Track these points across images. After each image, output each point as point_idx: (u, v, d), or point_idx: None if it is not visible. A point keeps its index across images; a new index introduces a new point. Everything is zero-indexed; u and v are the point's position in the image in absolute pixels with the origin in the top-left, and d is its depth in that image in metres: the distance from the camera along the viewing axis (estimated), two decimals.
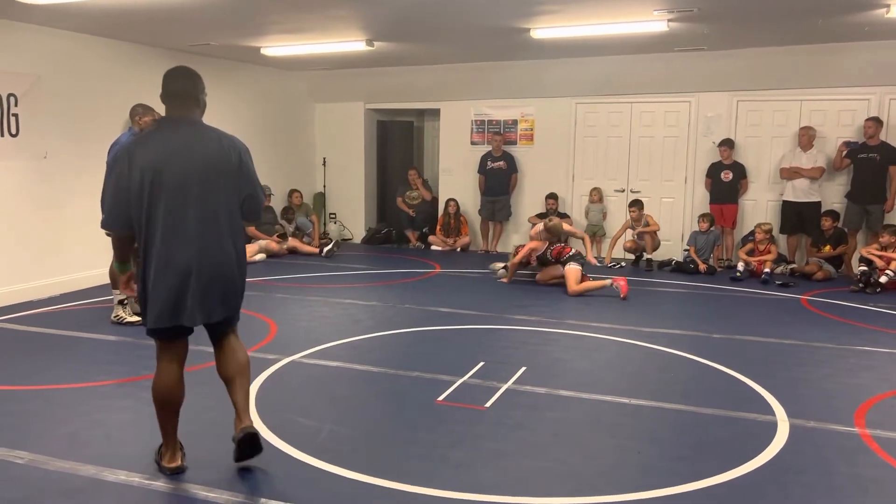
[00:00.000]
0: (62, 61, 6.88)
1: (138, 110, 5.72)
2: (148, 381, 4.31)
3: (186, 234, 2.94)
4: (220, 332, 3.27)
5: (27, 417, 3.80)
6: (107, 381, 4.39)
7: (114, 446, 3.45)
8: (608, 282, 6.93)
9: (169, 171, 2.93)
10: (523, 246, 7.65)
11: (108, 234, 3.26)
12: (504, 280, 7.68)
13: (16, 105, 6.41)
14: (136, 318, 5.71)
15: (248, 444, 3.10)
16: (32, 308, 6.28)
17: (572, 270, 7.10)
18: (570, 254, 7.28)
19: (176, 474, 3.14)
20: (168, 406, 3.16)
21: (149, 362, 4.69)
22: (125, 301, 5.73)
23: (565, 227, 7.65)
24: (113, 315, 5.73)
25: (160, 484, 3.05)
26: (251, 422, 3.19)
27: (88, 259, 7.15)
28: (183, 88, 3.19)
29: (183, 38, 7.50)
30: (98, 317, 5.94)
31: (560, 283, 7.27)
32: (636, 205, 8.68)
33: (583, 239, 7.97)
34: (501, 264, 8.05)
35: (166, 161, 2.94)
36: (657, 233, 8.68)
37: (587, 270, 7.26)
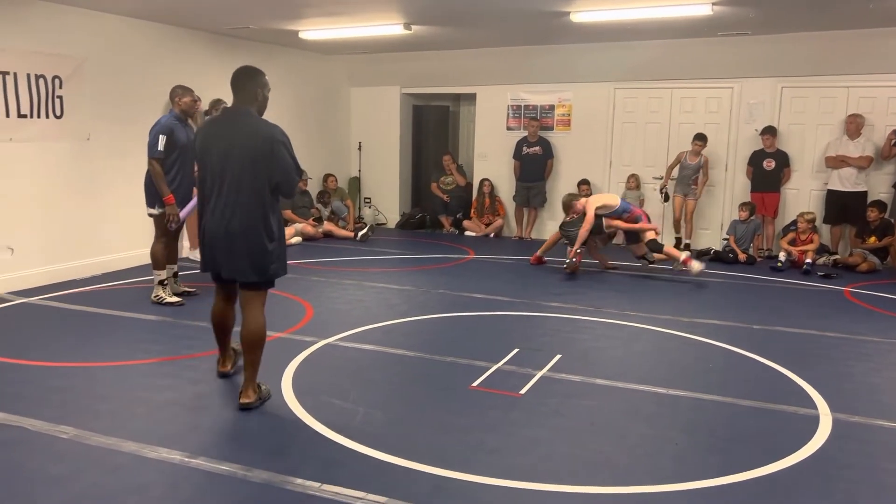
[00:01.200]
0: (106, 44, 6.98)
1: (177, 91, 5.78)
2: (187, 361, 4.42)
3: (219, 204, 3.60)
4: (243, 293, 3.77)
5: (71, 394, 3.89)
6: (147, 359, 4.47)
7: (154, 424, 3.52)
8: (683, 255, 7.13)
9: (213, 152, 3.62)
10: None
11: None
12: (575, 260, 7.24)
13: (60, 87, 6.52)
14: (175, 299, 5.81)
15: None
16: (75, 287, 6.41)
17: (650, 233, 7.33)
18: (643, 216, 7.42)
19: (223, 377, 4.15)
20: (218, 327, 4.06)
21: (188, 342, 4.80)
22: (165, 282, 5.82)
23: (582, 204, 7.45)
24: (153, 295, 5.83)
25: (199, 462, 3.10)
26: (247, 399, 3.69)
27: (130, 240, 7.28)
28: (241, 84, 3.74)
29: (223, 21, 7.55)
30: (139, 297, 6.05)
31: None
32: (700, 138, 8.60)
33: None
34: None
35: (213, 143, 3.63)
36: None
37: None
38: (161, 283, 5.80)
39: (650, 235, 7.32)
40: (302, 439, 3.36)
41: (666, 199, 8.84)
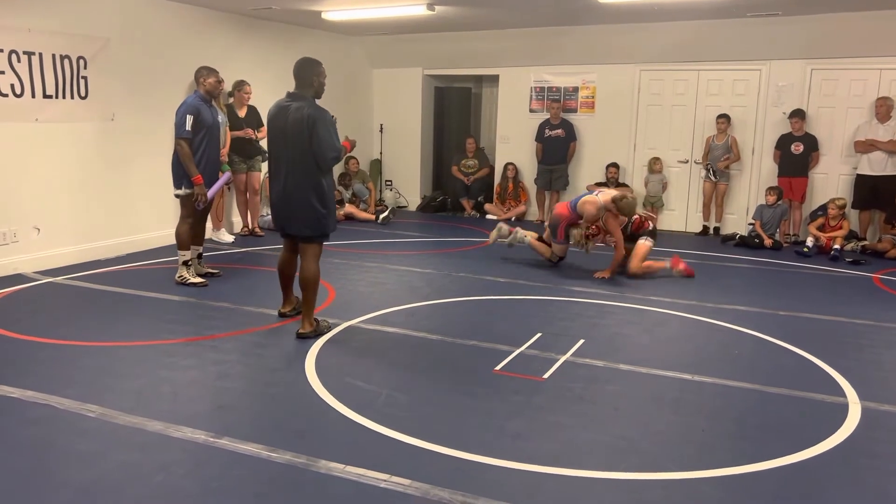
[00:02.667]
0: (131, 25, 6.99)
1: (202, 72, 5.79)
2: (211, 342, 4.45)
3: (279, 173, 4.45)
4: (301, 245, 4.58)
5: (97, 373, 3.93)
6: (172, 339, 4.50)
7: (180, 404, 3.54)
8: (666, 264, 6.52)
9: (274, 129, 4.44)
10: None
11: None
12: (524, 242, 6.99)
13: (85, 68, 6.54)
14: (199, 280, 5.84)
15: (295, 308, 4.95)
16: (101, 267, 6.47)
17: (643, 245, 6.52)
18: (649, 228, 6.66)
19: (281, 317, 4.95)
20: (282, 274, 4.89)
21: (212, 322, 4.83)
22: (189, 262, 5.86)
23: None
24: (177, 275, 5.86)
25: (225, 441, 3.12)
26: (307, 329, 4.54)
27: (154, 220, 7.34)
28: (297, 73, 4.47)
29: (246, 2, 7.53)
30: (163, 277, 6.09)
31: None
32: (724, 117, 8.58)
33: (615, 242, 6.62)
34: (507, 228, 7.26)
35: (274, 121, 4.44)
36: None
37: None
38: (185, 263, 5.83)
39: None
40: (325, 421, 3.37)
41: (715, 175, 8.76)
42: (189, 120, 5.51)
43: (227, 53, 8.03)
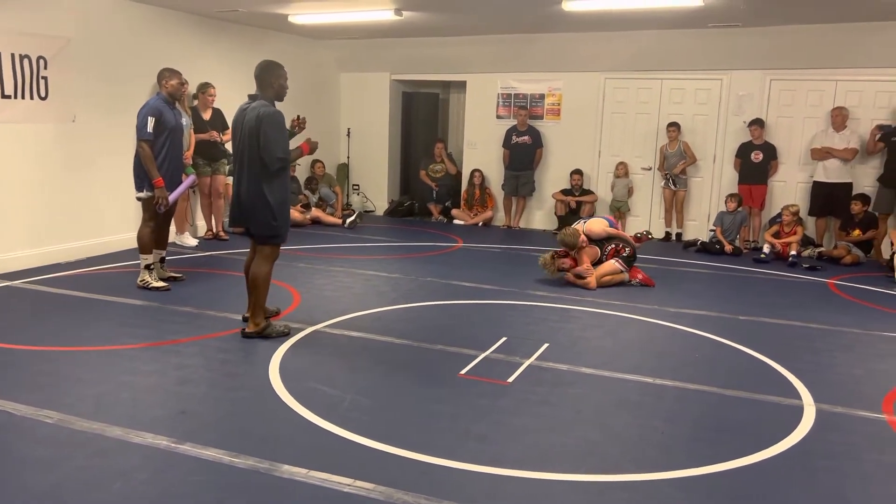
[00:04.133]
0: (92, 25, 6.88)
1: (165, 74, 5.73)
2: (173, 347, 4.39)
3: (238, 174, 4.49)
4: (257, 246, 4.65)
5: (55, 378, 3.86)
6: (133, 344, 4.44)
7: (140, 409, 3.49)
8: (625, 277, 6.45)
9: (235, 131, 4.52)
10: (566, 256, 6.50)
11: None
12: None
13: (45, 68, 6.42)
14: (161, 284, 5.77)
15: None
16: (61, 270, 6.35)
17: (610, 264, 6.44)
18: (626, 255, 6.51)
19: (246, 321, 4.76)
20: (246, 275, 4.74)
21: (174, 327, 4.77)
22: (151, 266, 5.78)
23: (594, 228, 6.67)
24: (139, 279, 5.79)
25: (186, 447, 3.09)
26: (252, 328, 4.59)
27: (116, 223, 7.22)
28: (258, 75, 4.49)
29: (211, 4, 7.46)
30: (125, 281, 6.00)
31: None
32: (673, 125, 8.78)
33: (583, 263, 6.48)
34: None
35: (236, 124, 4.51)
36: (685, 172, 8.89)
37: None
38: (147, 267, 5.76)
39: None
40: (289, 426, 3.35)
41: (674, 183, 8.94)
42: (150, 122, 5.45)
43: (193, 55, 7.95)
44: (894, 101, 7.94)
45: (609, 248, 6.59)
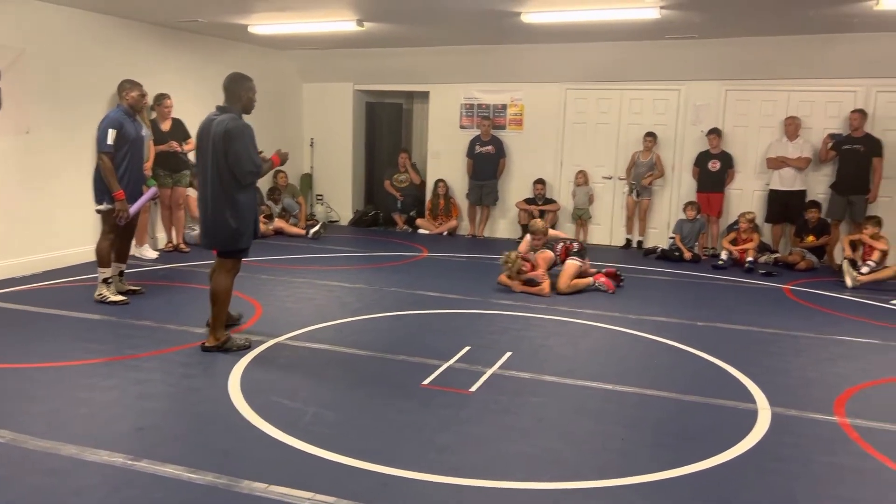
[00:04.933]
0: (48, 35, 6.76)
1: (125, 86, 5.68)
2: (131, 361, 4.33)
3: (202, 186, 4.43)
4: (217, 259, 4.58)
5: (8, 396, 3.77)
6: (91, 360, 4.36)
7: (96, 426, 3.43)
8: (590, 280, 6.62)
9: (200, 141, 4.44)
10: (527, 260, 6.58)
11: None
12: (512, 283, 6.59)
13: None
14: (119, 298, 5.67)
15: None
16: (15, 285, 6.21)
17: (572, 264, 6.58)
18: (576, 250, 6.75)
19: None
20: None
21: (133, 341, 4.70)
22: (110, 280, 5.69)
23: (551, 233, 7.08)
24: (97, 293, 5.69)
25: (144, 464, 3.04)
26: (211, 343, 4.55)
27: (73, 236, 7.08)
28: (226, 86, 4.50)
29: (171, 14, 7.39)
30: (82, 295, 5.88)
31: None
32: (651, 135, 8.89)
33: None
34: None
35: (201, 134, 4.43)
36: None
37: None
38: (105, 281, 5.66)
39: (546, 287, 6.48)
40: (249, 440, 3.32)
41: (636, 193, 9.04)
42: (111, 134, 5.39)
43: (152, 66, 7.85)
44: (844, 110, 8.18)
45: (559, 247, 6.75)
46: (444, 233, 10.03)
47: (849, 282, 7.02)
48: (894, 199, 8.14)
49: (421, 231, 10.13)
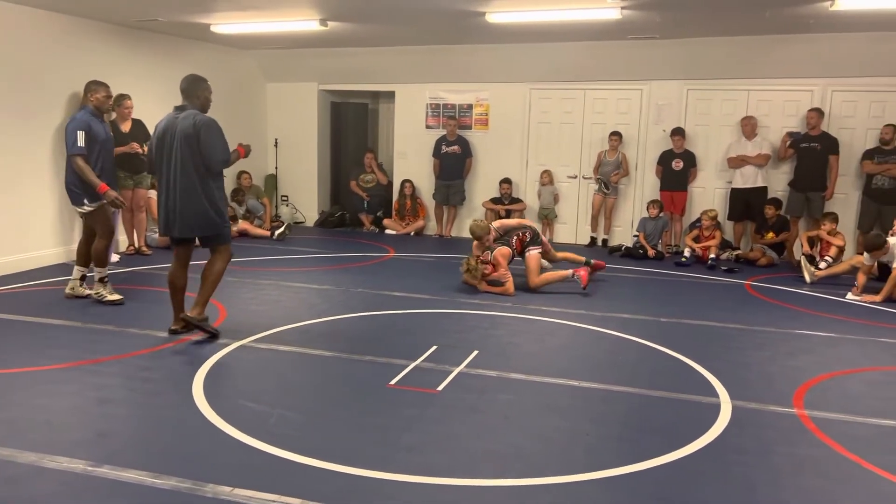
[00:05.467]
0: (3, 36, 6.59)
1: (91, 87, 5.69)
2: (93, 366, 4.25)
3: (169, 180, 4.61)
4: (208, 247, 4.88)
5: None
6: (50, 365, 4.26)
7: (56, 432, 3.36)
8: (569, 272, 6.52)
9: (161, 140, 4.61)
10: (486, 262, 6.51)
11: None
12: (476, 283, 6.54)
13: None
14: (116, 297, 5.69)
15: (187, 325, 4.86)
16: None
17: (532, 257, 6.53)
18: (529, 238, 6.68)
19: (173, 334, 4.86)
20: (173, 286, 4.87)
21: (94, 346, 4.62)
22: (106, 279, 5.70)
23: (496, 224, 6.89)
24: (94, 292, 5.71)
25: (105, 469, 2.98)
26: (194, 313, 4.73)
27: (31, 240, 6.92)
28: (184, 88, 4.72)
29: (130, 13, 7.26)
30: (40, 300, 5.76)
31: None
32: (616, 134, 8.97)
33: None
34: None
35: (163, 134, 4.61)
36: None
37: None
38: (101, 280, 5.68)
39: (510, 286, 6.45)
40: (214, 444, 3.28)
41: (606, 187, 9.11)
42: (81, 136, 5.41)
43: (111, 66, 7.70)
44: (802, 109, 8.37)
45: (514, 240, 6.65)
46: (412, 233, 10.02)
47: (807, 277, 7.18)
48: (850, 196, 8.36)
49: (388, 231, 10.11)
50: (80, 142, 5.39)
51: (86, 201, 5.54)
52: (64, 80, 7.13)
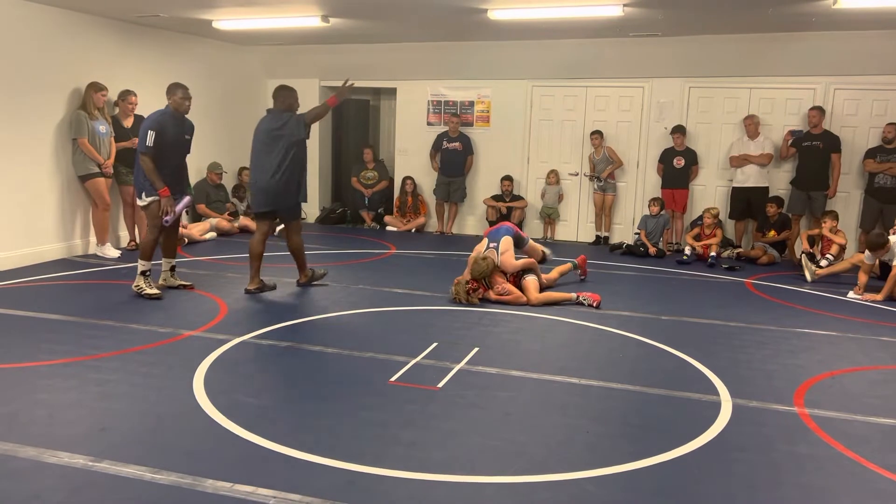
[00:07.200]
0: (5, 31, 6.58)
1: (170, 88, 5.75)
2: (94, 362, 4.25)
3: (260, 164, 5.97)
4: (284, 223, 6.29)
5: None
6: (51, 360, 4.27)
7: (57, 427, 3.37)
8: (573, 295, 6.05)
9: (256, 134, 6.00)
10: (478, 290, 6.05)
11: None
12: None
13: None
14: (154, 291, 5.74)
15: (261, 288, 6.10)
16: None
17: (530, 281, 6.12)
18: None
19: (249, 293, 5.98)
20: (252, 254, 6.03)
21: (95, 341, 4.62)
22: (148, 273, 5.75)
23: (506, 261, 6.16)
24: (134, 284, 5.78)
25: (105, 465, 2.99)
26: (302, 276, 6.33)
27: (32, 235, 6.93)
28: (275, 95, 6.00)
29: (132, 9, 7.25)
30: (43, 295, 5.76)
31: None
32: (595, 133, 8.99)
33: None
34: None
35: (257, 128, 6.00)
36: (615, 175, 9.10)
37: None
38: (143, 273, 5.73)
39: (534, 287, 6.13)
40: (214, 439, 3.29)
41: (598, 179, 9.13)
42: (150, 136, 5.49)
43: (114, 62, 7.71)
44: (803, 107, 8.35)
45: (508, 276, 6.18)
46: (412, 230, 10.02)
47: (808, 276, 7.17)
48: (852, 195, 8.35)
49: (389, 228, 10.11)
50: (149, 141, 5.48)
51: (143, 195, 5.68)
52: (66, 77, 7.13)
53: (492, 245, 6.24)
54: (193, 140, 5.95)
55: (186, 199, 5.93)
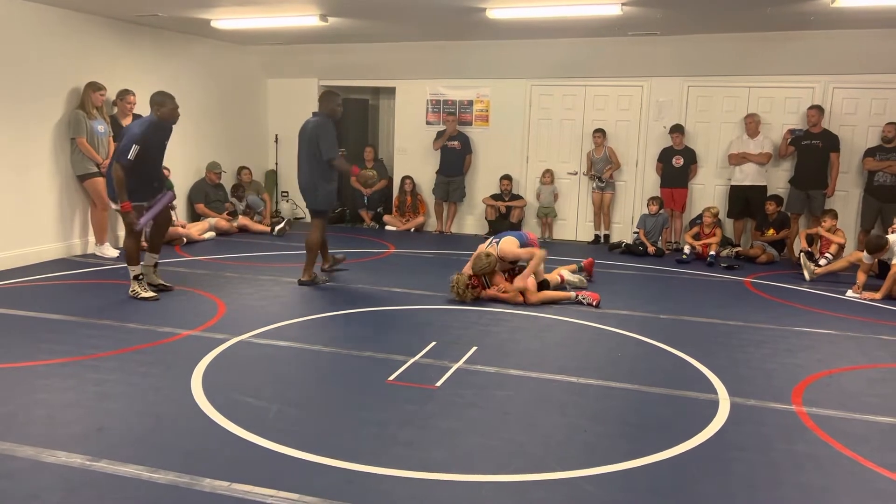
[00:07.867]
0: (3, 31, 6.57)
1: (157, 98, 5.77)
2: (92, 361, 4.25)
3: (300, 165, 6.43)
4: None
5: None
6: (49, 360, 4.26)
7: (55, 427, 3.36)
8: (572, 294, 6.07)
9: (301, 135, 6.33)
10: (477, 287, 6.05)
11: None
12: None
13: None
14: (150, 294, 5.69)
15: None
16: None
17: (529, 280, 6.02)
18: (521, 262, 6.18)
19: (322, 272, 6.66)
20: (306, 246, 6.47)
21: (93, 341, 4.62)
22: (140, 276, 5.71)
23: (509, 252, 6.13)
24: (130, 290, 5.73)
25: (103, 464, 2.99)
26: (304, 276, 6.36)
27: (32, 236, 6.92)
28: (319, 100, 6.37)
29: (130, 8, 7.25)
30: (40, 295, 5.76)
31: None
32: (598, 132, 8.97)
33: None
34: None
35: (301, 130, 6.34)
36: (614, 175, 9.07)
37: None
38: (136, 278, 5.69)
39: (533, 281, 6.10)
40: (212, 439, 3.28)
41: (599, 180, 9.12)
42: (134, 150, 5.38)
43: (112, 62, 7.71)
44: (802, 106, 8.36)
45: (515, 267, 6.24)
46: (412, 229, 10.02)
47: (806, 275, 7.17)
48: (850, 194, 8.35)
49: (388, 228, 10.11)
50: (131, 155, 5.35)
51: (117, 201, 5.56)
52: (64, 76, 7.13)
53: (494, 240, 6.27)
54: (193, 139, 5.96)
55: (168, 194, 5.90)
